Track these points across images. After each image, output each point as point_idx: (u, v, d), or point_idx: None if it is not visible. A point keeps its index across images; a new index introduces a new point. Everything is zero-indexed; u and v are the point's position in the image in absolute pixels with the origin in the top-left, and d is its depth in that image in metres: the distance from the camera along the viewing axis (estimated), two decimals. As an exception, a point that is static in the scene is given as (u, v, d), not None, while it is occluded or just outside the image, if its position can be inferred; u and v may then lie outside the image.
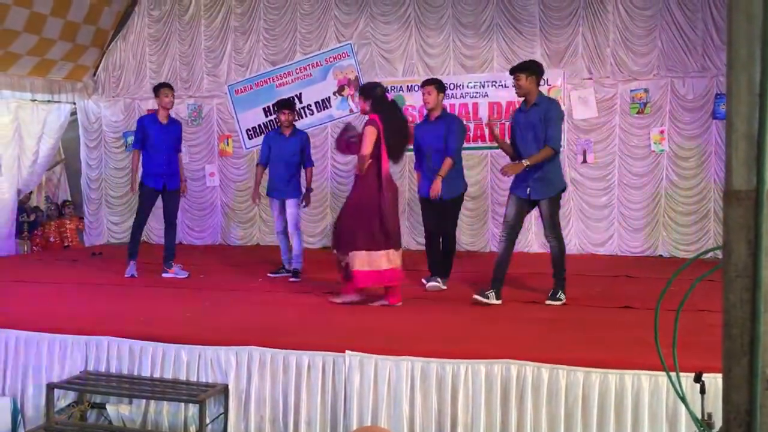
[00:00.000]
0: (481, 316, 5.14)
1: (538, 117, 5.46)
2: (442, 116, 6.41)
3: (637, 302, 5.43)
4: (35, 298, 5.98)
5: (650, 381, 3.65)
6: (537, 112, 5.49)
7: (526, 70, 5.54)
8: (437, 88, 6.35)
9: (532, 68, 5.59)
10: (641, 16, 8.65)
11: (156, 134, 7.20)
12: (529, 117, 5.53)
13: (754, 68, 1.30)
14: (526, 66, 5.62)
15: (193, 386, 4.26)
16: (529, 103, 5.57)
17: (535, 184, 5.48)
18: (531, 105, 5.55)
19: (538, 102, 5.56)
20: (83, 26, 9.95)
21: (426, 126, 6.52)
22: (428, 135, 6.35)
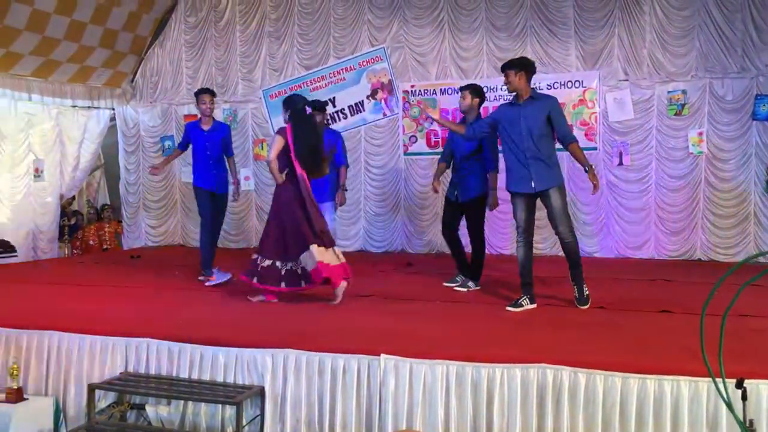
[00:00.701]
0: (516, 319, 5.12)
1: (538, 111, 5.37)
2: (477, 121, 6.36)
3: (675, 307, 5.35)
4: (76, 300, 6.10)
5: (690, 387, 3.59)
6: (537, 107, 5.39)
7: (514, 66, 5.46)
8: (471, 93, 6.37)
9: (521, 64, 5.50)
10: (678, 16, 8.54)
11: (196, 140, 7.18)
12: (524, 111, 5.40)
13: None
14: (514, 63, 5.53)
15: (230, 388, 4.31)
16: (522, 98, 5.46)
17: (539, 177, 5.36)
18: (526, 99, 5.45)
19: (536, 96, 5.49)
20: (122, 33, 10.15)
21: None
22: (460, 139, 6.34)
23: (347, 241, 10.03)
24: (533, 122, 5.36)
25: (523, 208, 5.46)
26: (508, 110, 5.56)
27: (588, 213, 9.02)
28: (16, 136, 9.74)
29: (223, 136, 7.24)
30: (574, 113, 8.96)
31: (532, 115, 5.38)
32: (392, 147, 9.87)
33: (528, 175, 5.36)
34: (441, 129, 9.50)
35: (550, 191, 5.37)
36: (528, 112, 5.40)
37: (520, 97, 5.47)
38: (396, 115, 9.83)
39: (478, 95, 6.45)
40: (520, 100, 5.47)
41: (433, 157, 9.60)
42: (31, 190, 9.95)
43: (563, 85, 9.01)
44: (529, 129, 5.35)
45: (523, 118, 5.39)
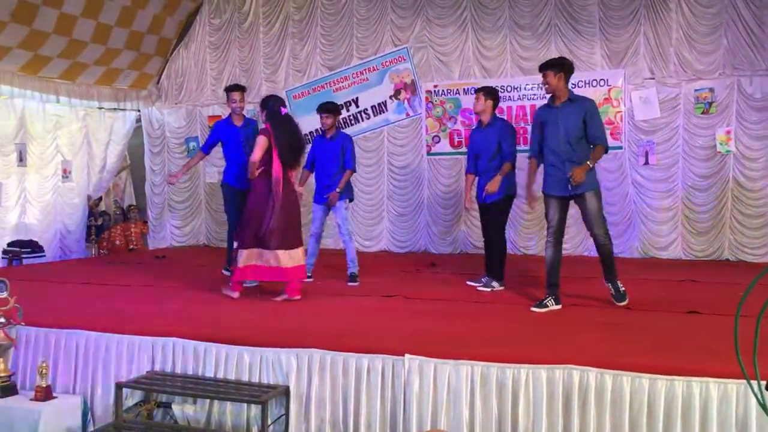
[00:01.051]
0: (542, 320, 5.09)
1: (575, 114, 5.33)
2: (493, 122, 6.45)
3: (703, 308, 5.29)
4: (104, 299, 6.17)
5: (719, 389, 3.53)
6: (574, 110, 5.36)
7: (554, 66, 5.42)
8: (485, 95, 6.42)
9: (561, 65, 5.46)
10: (706, 13, 8.43)
11: (227, 136, 7.12)
12: (561, 113, 5.37)
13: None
14: (554, 63, 5.49)
15: (255, 387, 4.33)
16: (559, 100, 5.43)
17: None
18: (563, 101, 5.42)
19: (573, 98, 5.44)
20: (147, 36, 10.25)
21: (478, 132, 6.59)
22: (479, 140, 6.42)
23: (370, 242, 10.05)
24: (570, 125, 5.33)
25: (557, 209, 5.45)
26: (546, 112, 5.53)
27: (614, 213, 8.93)
28: (45, 137, 9.90)
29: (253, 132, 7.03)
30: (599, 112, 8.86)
31: (569, 117, 5.35)
32: (415, 147, 9.86)
33: (565, 177, 5.33)
34: (465, 129, 9.48)
35: (586, 194, 5.35)
36: (565, 114, 5.37)
37: (557, 99, 5.44)
38: (419, 115, 9.82)
39: (492, 97, 6.47)
40: (557, 102, 5.44)
41: (456, 158, 9.60)
42: (59, 191, 10.11)
43: (588, 83, 8.94)
44: (566, 132, 5.34)
45: (561, 120, 5.36)
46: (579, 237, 8.99)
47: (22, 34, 8.51)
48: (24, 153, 9.57)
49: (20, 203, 9.63)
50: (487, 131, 6.43)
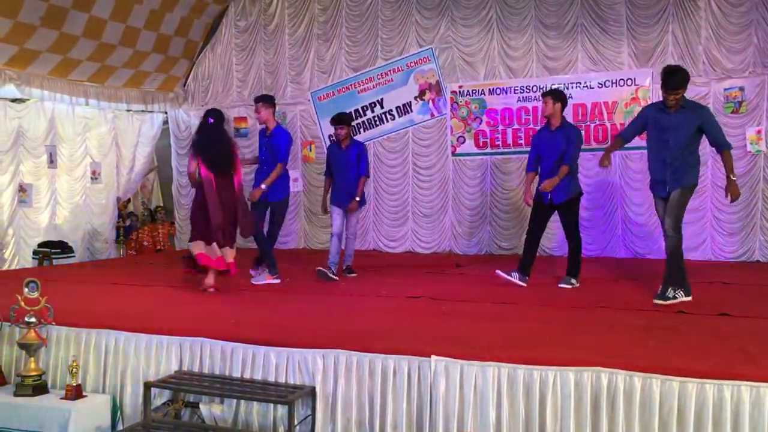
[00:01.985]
0: (569, 322, 5.04)
1: (689, 122, 5.47)
2: (562, 126, 6.55)
3: (734, 310, 5.20)
4: (133, 299, 6.24)
5: (751, 392, 3.47)
6: (688, 118, 5.49)
7: (686, 83, 5.50)
8: (553, 99, 6.51)
9: (687, 80, 5.54)
10: (735, 12, 8.31)
11: (259, 146, 7.47)
12: (675, 120, 5.50)
13: None
14: (686, 79, 5.54)
15: (282, 388, 4.35)
16: (674, 108, 5.52)
17: (672, 177, 5.54)
18: (677, 108, 5.51)
19: (686, 105, 5.56)
20: (174, 38, 10.36)
21: (546, 134, 6.66)
22: (546, 142, 6.55)
23: (395, 242, 10.05)
24: (683, 133, 5.48)
25: (662, 207, 5.69)
26: (658, 115, 5.64)
27: (640, 214, 8.84)
28: (74, 139, 10.05)
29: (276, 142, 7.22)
30: (626, 112, 8.80)
31: (683, 125, 5.47)
32: (440, 148, 9.84)
33: (665, 180, 5.57)
34: (490, 129, 9.45)
35: (674, 191, 5.55)
36: (679, 122, 5.49)
37: (672, 107, 5.54)
38: (444, 116, 9.80)
39: (560, 100, 6.57)
40: (671, 110, 5.54)
41: (481, 158, 9.57)
42: (88, 192, 10.25)
43: (615, 83, 8.85)
44: (677, 139, 5.49)
45: (673, 128, 5.50)
46: (605, 238, 8.92)
47: (52, 38, 8.64)
48: (54, 155, 9.72)
49: (51, 204, 9.78)
50: (556, 134, 6.51)
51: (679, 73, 5.52)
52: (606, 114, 8.89)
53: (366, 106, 10.14)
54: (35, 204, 9.53)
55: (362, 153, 7.53)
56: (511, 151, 9.41)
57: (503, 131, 9.45)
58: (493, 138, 9.48)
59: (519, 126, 9.36)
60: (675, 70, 5.56)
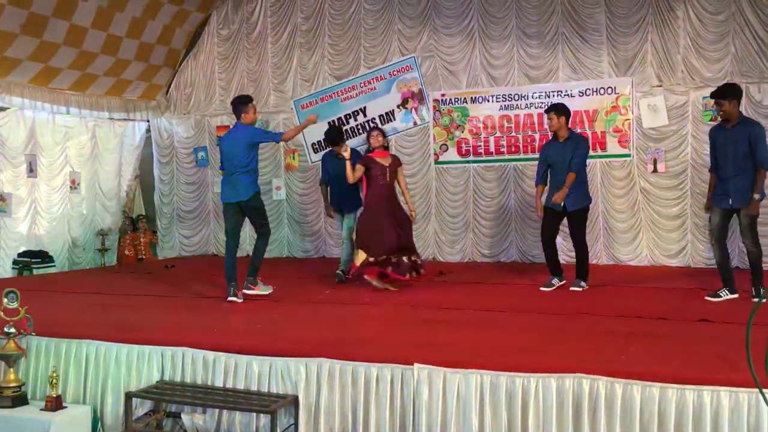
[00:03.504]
0: (551, 328, 5.07)
1: (743, 136, 5.79)
2: (570, 137, 6.80)
3: (714, 316, 5.26)
4: (113, 309, 6.19)
5: (730, 398, 3.51)
6: (743, 132, 5.81)
7: (729, 95, 5.82)
8: (556, 113, 6.76)
9: (735, 92, 5.88)
10: (713, 20, 8.41)
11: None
12: (732, 135, 5.85)
13: None
14: (729, 92, 5.86)
15: (264, 397, 4.33)
16: (731, 123, 5.86)
17: (736, 194, 5.86)
18: (734, 124, 5.85)
19: (742, 121, 5.89)
20: (156, 47, 10.33)
21: (555, 146, 6.86)
22: (556, 154, 6.78)
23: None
24: (740, 146, 5.81)
25: (719, 217, 6.04)
26: (719, 133, 6.04)
27: (622, 220, 8.92)
28: (54, 148, 9.95)
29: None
30: (606, 120, 8.88)
31: (739, 139, 5.82)
32: (423, 156, 9.87)
33: (728, 193, 5.90)
34: (472, 137, 9.49)
35: (742, 209, 5.87)
36: (735, 136, 5.84)
37: (729, 122, 5.89)
38: (426, 124, 9.84)
39: (564, 113, 6.78)
40: (728, 125, 5.90)
41: (463, 166, 9.61)
42: (67, 202, 10.16)
43: (595, 92, 8.93)
44: (735, 152, 5.83)
45: (732, 143, 5.85)
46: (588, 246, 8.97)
47: (33, 46, 8.59)
48: (34, 164, 9.63)
49: (30, 214, 9.68)
50: (565, 145, 6.75)
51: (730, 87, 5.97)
52: (587, 122, 8.97)
53: (349, 114, 10.16)
54: (14, 213, 9.43)
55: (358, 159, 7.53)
56: (493, 159, 9.47)
57: (486, 139, 9.50)
58: (476, 146, 9.53)
59: (501, 134, 9.42)
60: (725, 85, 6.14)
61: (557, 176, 6.77)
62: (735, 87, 5.98)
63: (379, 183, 7.06)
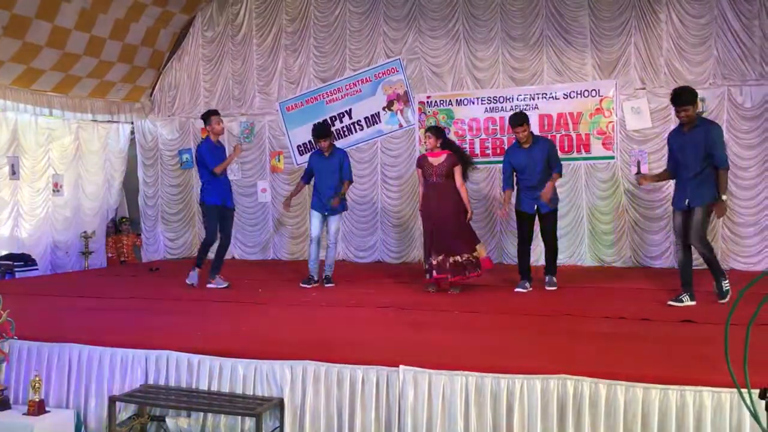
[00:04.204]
0: (536, 330, 5.09)
1: (701, 138, 5.85)
2: (536, 142, 7.01)
3: (697, 316, 5.30)
4: (97, 312, 6.15)
5: (713, 398, 3.54)
6: (700, 134, 5.87)
7: (694, 101, 5.86)
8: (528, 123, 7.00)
9: (696, 97, 5.92)
10: (695, 24, 8.49)
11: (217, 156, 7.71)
12: (691, 138, 5.90)
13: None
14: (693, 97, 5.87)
15: (249, 400, 4.31)
16: (689, 126, 5.91)
17: (694, 195, 5.91)
18: (692, 127, 5.90)
19: (699, 124, 5.94)
20: (140, 48, 10.28)
21: (521, 151, 7.03)
22: (524, 159, 6.96)
23: (364, 252, 10.06)
24: (699, 148, 5.86)
25: (680, 218, 6.07)
26: (677, 137, 6.11)
27: (606, 222, 8.97)
28: (37, 150, 9.87)
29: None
30: (591, 123, 8.94)
31: (698, 141, 5.87)
32: (409, 158, 9.88)
33: (686, 195, 5.96)
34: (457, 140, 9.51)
35: (697, 208, 5.89)
36: (694, 138, 5.89)
37: (687, 125, 5.94)
38: (412, 126, 9.85)
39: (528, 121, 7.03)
40: (686, 129, 5.96)
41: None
42: (50, 205, 10.07)
43: (580, 94, 8.99)
44: (695, 154, 5.88)
45: (691, 145, 5.91)
46: (573, 248, 9.04)
47: (15, 47, 8.52)
48: (17, 166, 9.54)
49: (13, 216, 9.59)
50: (531, 151, 6.95)
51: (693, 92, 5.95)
52: (571, 124, 9.02)
53: (334, 116, 10.15)
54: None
55: (345, 159, 7.74)
56: (478, 161, 9.43)
57: (471, 141, 9.52)
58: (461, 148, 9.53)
59: (486, 136, 9.45)
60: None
61: (527, 180, 6.98)
62: (694, 91, 5.99)
63: (428, 183, 7.06)
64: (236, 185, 10.17)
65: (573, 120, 9.03)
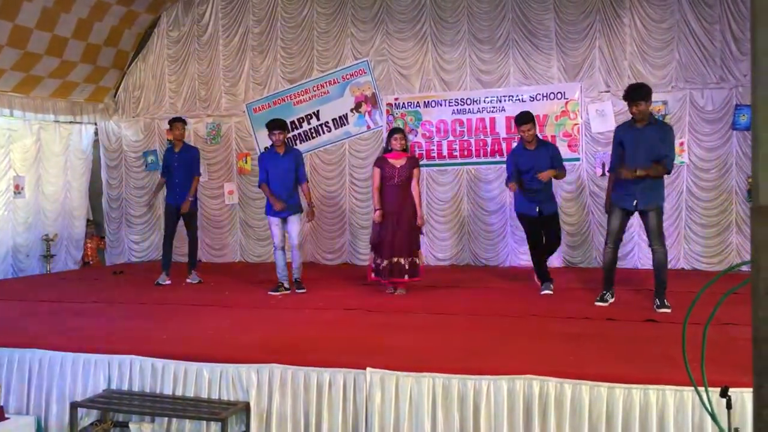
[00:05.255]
0: (502, 331, 5.12)
1: (656, 136, 5.81)
2: (541, 144, 7.06)
3: (659, 316, 5.38)
4: (58, 317, 6.03)
5: (675, 396, 3.60)
6: (655, 132, 5.84)
7: (650, 96, 5.87)
8: (534, 124, 6.99)
9: (651, 93, 5.93)
10: (658, 28, 8.62)
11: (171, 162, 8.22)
12: (644, 135, 5.84)
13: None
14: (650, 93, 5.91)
15: (215, 404, 4.27)
16: (642, 122, 5.86)
17: (642, 195, 5.81)
18: (645, 124, 5.86)
19: (653, 122, 5.94)
20: (104, 48, 10.11)
21: (527, 152, 6.99)
22: (530, 161, 6.89)
23: (332, 254, 10.02)
24: (654, 147, 5.79)
25: (619, 219, 6.00)
26: (628, 132, 5.97)
27: (572, 224, 9.06)
28: (-4, 152, 9.65)
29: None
30: (556, 125, 9.02)
31: (653, 140, 5.81)
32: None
33: (633, 194, 5.83)
34: (425, 141, 9.54)
35: (650, 212, 5.83)
36: (649, 136, 5.83)
37: (640, 122, 5.87)
38: (380, 128, 9.84)
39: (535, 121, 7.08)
40: (639, 124, 5.88)
41: (417, 170, 9.63)
42: (11, 207, 9.85)
43: (545, 96, 9.07)
44: (647, 152, 5.79)
45: (644, 142, 5.83)
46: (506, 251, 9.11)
47: (-26, 47, 8.33)
48: (-24, 168, 9.32)
49: (-28, 219, 9.37)
50: (538, 152, 6.93)
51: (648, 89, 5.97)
52: (537, 126, 9.08)
53: (302, 117, 10.11)
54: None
55: (301, 160, 7.55)
56: (446, 163, 9.53)
57: (438, 143, 9.55)
58: (429, 150, 9.58)
59: (454, 138, 9.49)
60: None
61: (533, 182, 6.88)
62: (649, 88, 6.01)
63: (386, 184, 6.99)
64: (203, 187, 10.07)
65: (539, 122, 9.07)
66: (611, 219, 6.06)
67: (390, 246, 6.89)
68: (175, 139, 8.22)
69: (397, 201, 6.95)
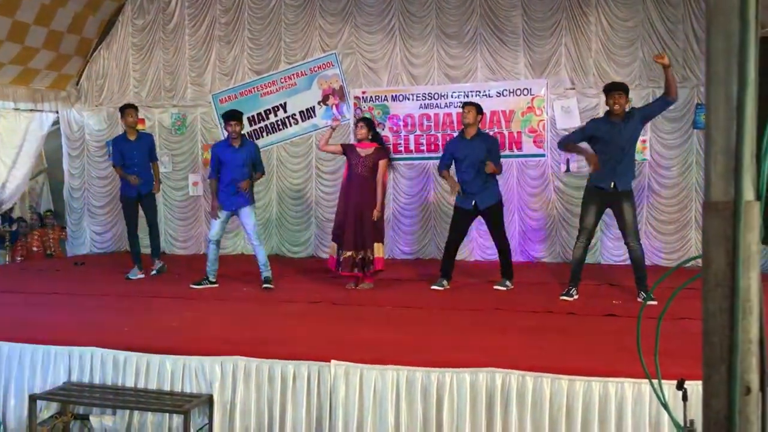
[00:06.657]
0: (466, 324, 5.17)
1: (633, 128, 6.06)
2: (479, 135, 6.97)
3: (619, 310, 5.48)
4: (17, 308, 5.92)
5: (633, 389, 3.68)
6: (632, 124, 6.06)
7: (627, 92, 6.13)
8: (477, 110, 6.95)
9: (628, 91, 6.18)
10: (623, 27, 8.74)
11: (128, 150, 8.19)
12: (622, 127, 6.01)
13: (732, 83, 1.33)
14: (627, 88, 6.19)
15: (177, 397, 4.24)
16: (619, 116, 6.03)
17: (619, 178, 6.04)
18: (622, 119, 6.02)
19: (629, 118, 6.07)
20: (67, 35, 9.91)
21: (463, 142, 6.95)
22: (465, 150, 6.85)
23: (298, 248, 9.99)
24: (631, 141, 6.07)
25: (594, 216, 6.19)
26: (604, 126, 6.12)
27: (536, 219, 9.17)
28: (-46, 139, 9.42)
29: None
30: (522, 120, 9.11)
31: (632, 132, 6.06)
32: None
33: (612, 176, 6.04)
34: (393, 135, 9.56)
35: (625, 206, 6.05)
36: (628, 128, 6.03)
37: (617, 115, 6.03)
38: (347, 121, 9.82)
39: (481, 112, 7.09)
40: (615, 118, 6.04)
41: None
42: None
43: (512, 92, 9.14)
44: (621, 146, 6.02)
45: (622, 135, 6.01)
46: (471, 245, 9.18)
47: (-70, 30, 8.10)
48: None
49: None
50: (473, 142, 6.85)
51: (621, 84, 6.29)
52: (504, 122, 9.17)
53: (269, 109, 10.04)
54: None
55: (257, 152, 7.40)
56: (413, 157, 9.56)
57: (406, 137, 9.57)
58: (396, 144, 9.59)
59: (421, 132, 9.52)
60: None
61: (466, 173, 6.86)
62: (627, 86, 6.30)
63: (351, 172, 6.98)
64: (166, 178, 9.96)
65: (505, 118, 9.19)
66: (586, 215, 6.19)
67: (351, 238, 6.83)
68: (129, 127, 8.11)
69: (358, 191, 6.88)
